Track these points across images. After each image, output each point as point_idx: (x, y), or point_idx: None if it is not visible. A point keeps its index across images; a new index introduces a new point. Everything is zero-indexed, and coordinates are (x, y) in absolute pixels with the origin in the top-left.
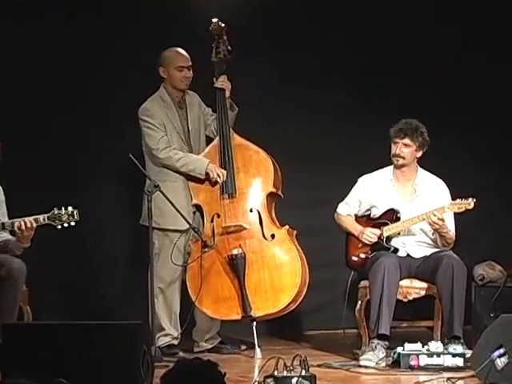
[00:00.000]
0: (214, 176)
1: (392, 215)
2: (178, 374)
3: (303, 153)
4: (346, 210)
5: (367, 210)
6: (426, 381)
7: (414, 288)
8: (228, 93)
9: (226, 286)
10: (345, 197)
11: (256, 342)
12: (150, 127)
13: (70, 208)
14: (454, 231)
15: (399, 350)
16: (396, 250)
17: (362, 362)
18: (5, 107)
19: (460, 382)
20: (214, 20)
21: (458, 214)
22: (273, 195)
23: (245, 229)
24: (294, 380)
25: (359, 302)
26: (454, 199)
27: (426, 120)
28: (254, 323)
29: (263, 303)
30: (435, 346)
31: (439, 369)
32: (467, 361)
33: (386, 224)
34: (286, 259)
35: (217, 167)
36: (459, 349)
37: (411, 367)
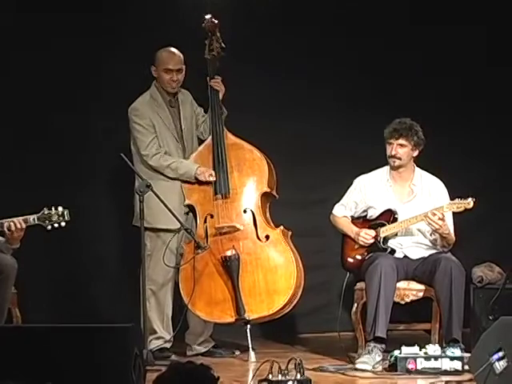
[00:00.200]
0: (204, 179)
1: (389, 216)
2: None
3: (299, 152)
4: (342, 212)
5: (364, 212)
6: None
7: (411, 290)
8: (221, 95)
9: (219, 288)
10: (341, 197)
11: (250, 345)
12: (138, 129)
13: (60, 208)
14: (453, 232)
15: (396, 353)
16: (393, 251)
17: (358, 366)
18: None
19: None
20: (207, 16)
21: (457, 215)
22: (267, 195)
23: (238, 230)
24: None
25: (355, 305)
26: (452, 199)
27: (422, 120)
28: (248, 326)
29: (257, 305)
30: (433, 349)
31: (437, 372)
32: (465, 364)
33: (382, 225)
34: (281, 261)
35: (206, 170)
36: (457, 352)
37: (408, 371)
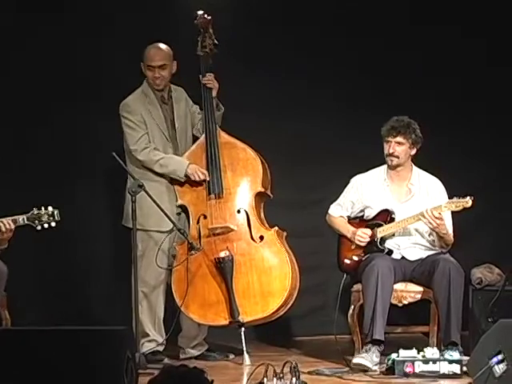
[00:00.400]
0: (195, 178)
1: (386, 216)
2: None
3: (294, 152)
4: (339, 212)
5: (360, 212)
6: None
7: (409, 292)
8: (215, 92)
9: (212, 290)
10: (337, 197)
11: (244, 348)
12: (129, 125)
13: (50, 208)
14: (452, 232)
15: (393, 356)
16: (390, 252)
17: (355, 360)
18: None
19: None
20: (200, 12)
21: (456, 215)
22: (261, 195)
23: (232, 230)
24: None
25: (352, 307)
26: (450, 198)
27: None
28: (243, 329)
29: (252, 308)
30: (431, 352)
31: (435, 376)
32: (464, 367)
33: (379, 225)
34: (276, 262)
35: (198, 168)
36: (456, 355)
37: (406, 374)
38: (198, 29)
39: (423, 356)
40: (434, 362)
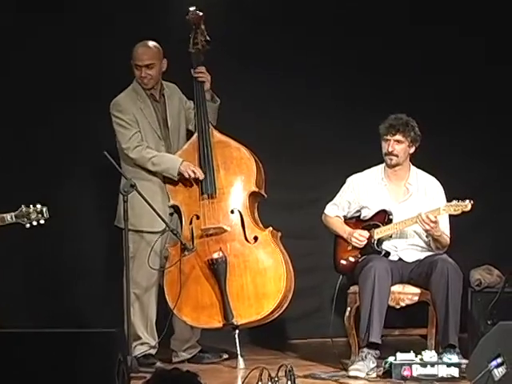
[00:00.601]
0: (189, 175)
1: (384, 217)
2: None
3: (289, 151)
4: (335, 212)
5: (357, 212)
6: None
7: (406, 294)
8: (208, 85)
9: (206, 292)
10: (333, 197)
11: (238, 351)
12: (121, 124)
13: (38, 205)
14: (448, 234)
15: (391, 359)
16: (387, 253)
17: (351, 373)
18: None
19: None
20: (192, 8)
21: (455, 216)
22: (255, 195)
23: (225, 231)
24: None
25: (348, 309)
26: (450, 200)
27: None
28: (237, 331)
29: (246, 310)
30: (429, 355)
31: (433, 379)
32: (463, 371)
33: (377, 226)
34: (270, 263)
35: (191, 165)
36: (454, 358)
37: (404, 378)
38: (189, 25)
39: (421, 359)
40: (432, 365)
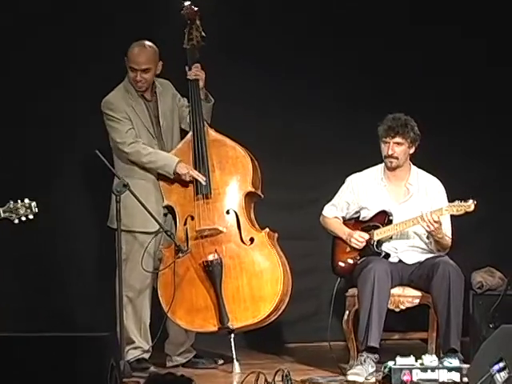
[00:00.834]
0: (187, 179)
1: (384, 218)
2: None
3: (289, 151)
4: (333, 213)
5: (356, 213)
6: None
7: (406, 297)
8: (202, 83)
9: (200, 295)
10: (332, 198)
11: (234, 355)
12: (114, 120)
13: (26, 200)
14: (450, 236)
15: (390, 364)
16: (387, 255)
17: (349, 377)
18: None
19: None
20: (187, 3)
21: (455, 217)
22: (252, 195)
23: (221, 232)
24: None
25: (347, 312)
26: (451, 200)
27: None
28: (232, 335)
29: (242, 313)
30: (430, 359)
31: None
32: (464, 376)
33: (376, 227)
34: (267, 265)
35: (191, 169)
36: (456, 362)
37: (403, 383)
38: (184, 20)
39: (421, 364)
40: (433, 369)
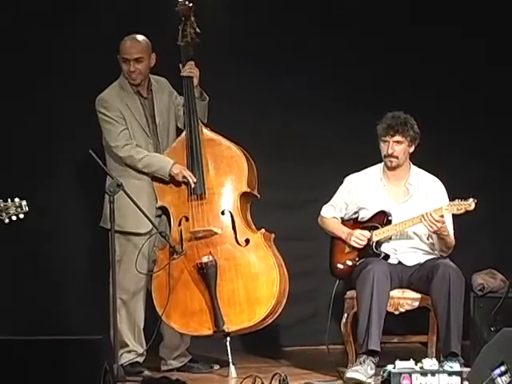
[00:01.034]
0: (180, 179)
1: (383, 218)
2: None
3: (289, 151)
4: (332, 213)
5: (355, 213)
6: None
7: (406, 299)
8: (196, 80)
9: (195, 297)
10: (330, 198)
11: (230, 359)
12: (108, 121)
13: (16, 199)
14: (452, 235)
15: (390, 368)
16: (386, 256)
17: (349, 374)
18: None
19: None
20: None
21: (456, 217)
22: (247, 195)
23: (216, 234)
24: None
25: (345, 315)
26: (452, 200)
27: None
28: (228, 339)
29: (237, 316)
30: (430, 363)
31: None
32: (465, 380)
33: (375, 228)
34: (263, 267)
35: (183, 169)
36: (456, 366)
37: None
38: (178, 17)
39: (421, 367)
40: (433, 373)
